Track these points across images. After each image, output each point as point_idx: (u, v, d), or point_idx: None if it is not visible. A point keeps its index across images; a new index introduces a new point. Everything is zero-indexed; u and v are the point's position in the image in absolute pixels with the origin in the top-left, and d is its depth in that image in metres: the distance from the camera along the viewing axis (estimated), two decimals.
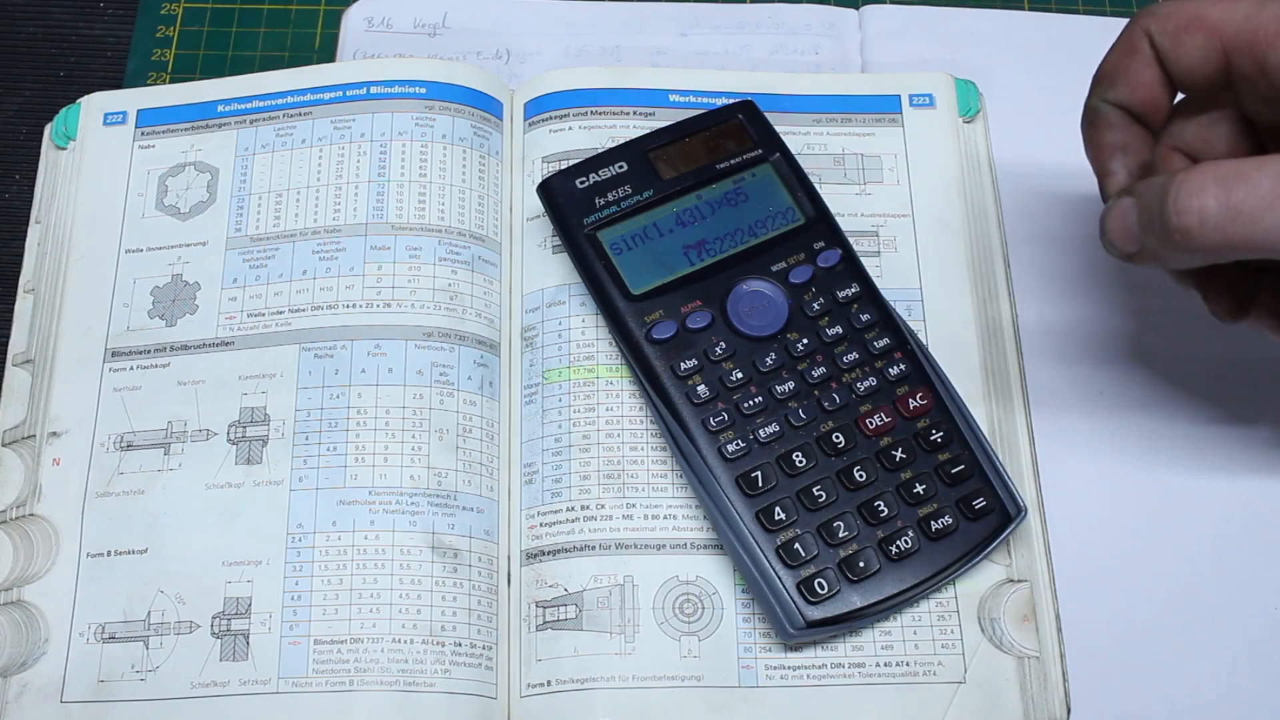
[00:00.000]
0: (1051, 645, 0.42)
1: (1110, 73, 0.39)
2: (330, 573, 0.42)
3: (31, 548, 0.43)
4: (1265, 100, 0.37)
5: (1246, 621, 0.43)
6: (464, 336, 0.46)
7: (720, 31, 0.55)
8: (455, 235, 0.47)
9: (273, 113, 0.50)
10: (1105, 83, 0.40)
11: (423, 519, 0.43)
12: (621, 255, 0.44)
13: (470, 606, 0.42)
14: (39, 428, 0.45)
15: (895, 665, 0.41)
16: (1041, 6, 0.56)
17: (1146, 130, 0.39)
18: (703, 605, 0.42)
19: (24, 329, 0.47)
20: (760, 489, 0.41)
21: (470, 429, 0.45)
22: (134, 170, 0.50)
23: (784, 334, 0.43)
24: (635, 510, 0.43)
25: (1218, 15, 0.36)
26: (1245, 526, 0.45)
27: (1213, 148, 0.39)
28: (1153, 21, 0.38)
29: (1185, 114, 0.40)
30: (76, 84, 0.54)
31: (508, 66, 0.54)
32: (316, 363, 0.45)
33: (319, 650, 0.41)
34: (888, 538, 0.41)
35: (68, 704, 0.41)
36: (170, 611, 0.42)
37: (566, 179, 0.45)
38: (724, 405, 0.42)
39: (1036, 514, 0.44)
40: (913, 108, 0.51)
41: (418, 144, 0.49)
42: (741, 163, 0.45)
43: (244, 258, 0.47)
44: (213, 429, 0.45)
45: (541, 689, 0.41)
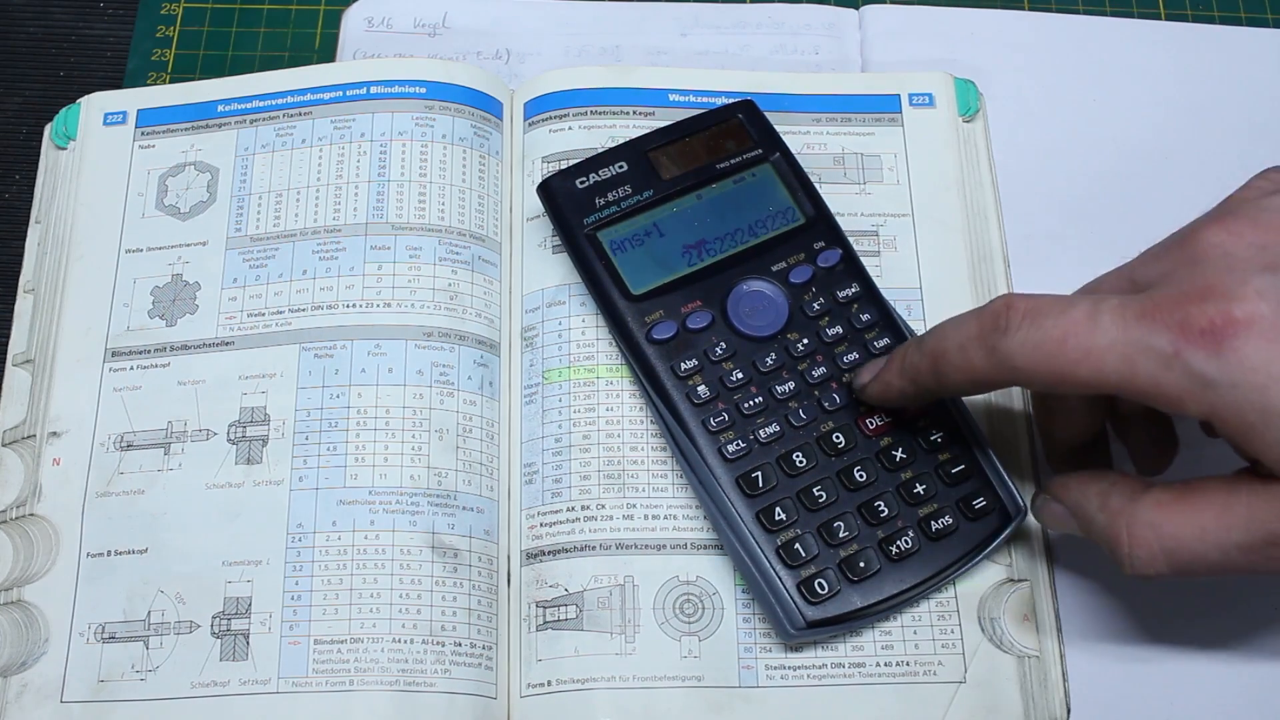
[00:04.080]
0: (1051, 645, 0.42)
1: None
2: (330, 573, 0.42)
3: (31, 548, 0.43)
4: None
5: (1246, 621, 0.43)
6: (464, 336, 0.46)
7: (720, 31, 0.55)
8: (455, 235, 0.47)
9: (273, 113, 0.50)
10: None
11: (423, 519, 0.43)
12: (621, 255, 0.44)
13: (470, 606, 0.42)
14: (39, 428, 0.45)
15: (895, 665, 0.41)
16: (1041, 6, 0.56)
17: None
18: (703, 605, 0.42)
19: (24, 329, 0.47)
20: (760, 489, 0.41)
21: (470, 429, 0.45)
22: (134, 170, 0.50)
23: (784, 334, 0.43)
24: (635, 510, 0.43)
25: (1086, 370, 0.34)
26: None
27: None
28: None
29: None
30: (76, 84, 0.54)
31: (508, 66, 0.54)
32: (316, 363, 0.45)
33: (319, 650, 0.41)
34: (888, 538, 0.41)
35: (68, 704, 0.41)
36: (170, 611, 0.42)
37: (566, 179, 0.45)
38: (724, 405, 0.42)
39: None
40: (912, 107, 0.51)
41: (418, 144, 0.49)
42: (741, 162, 0.45)
43: (244, 258, 0.47)
44: (213, 429, 0.45)
45: (542, 689, 0.41)
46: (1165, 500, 0.34)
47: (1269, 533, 0.32)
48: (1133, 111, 0.52)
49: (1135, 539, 0.34)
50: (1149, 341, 0.32)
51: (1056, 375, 0.34)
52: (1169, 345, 0.31)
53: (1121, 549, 0.35)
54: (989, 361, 0.35)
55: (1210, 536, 0.33)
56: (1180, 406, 0.32)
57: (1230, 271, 0.32)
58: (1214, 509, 0.33)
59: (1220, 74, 0.53)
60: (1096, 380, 0.33)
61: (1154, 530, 0.34)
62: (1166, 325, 0.32)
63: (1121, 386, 0.33)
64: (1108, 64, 0.54)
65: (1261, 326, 0.31)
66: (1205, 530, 0.33)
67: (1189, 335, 0.31)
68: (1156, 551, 0.34)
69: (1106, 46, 0.54)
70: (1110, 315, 0.33)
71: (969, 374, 0.36)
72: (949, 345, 0.36)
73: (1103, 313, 0.33)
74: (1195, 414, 0.32)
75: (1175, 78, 0.53)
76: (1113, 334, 0.32)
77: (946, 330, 0.37)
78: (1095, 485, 0.37)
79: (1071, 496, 0.37)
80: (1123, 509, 0.35)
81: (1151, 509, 0.34)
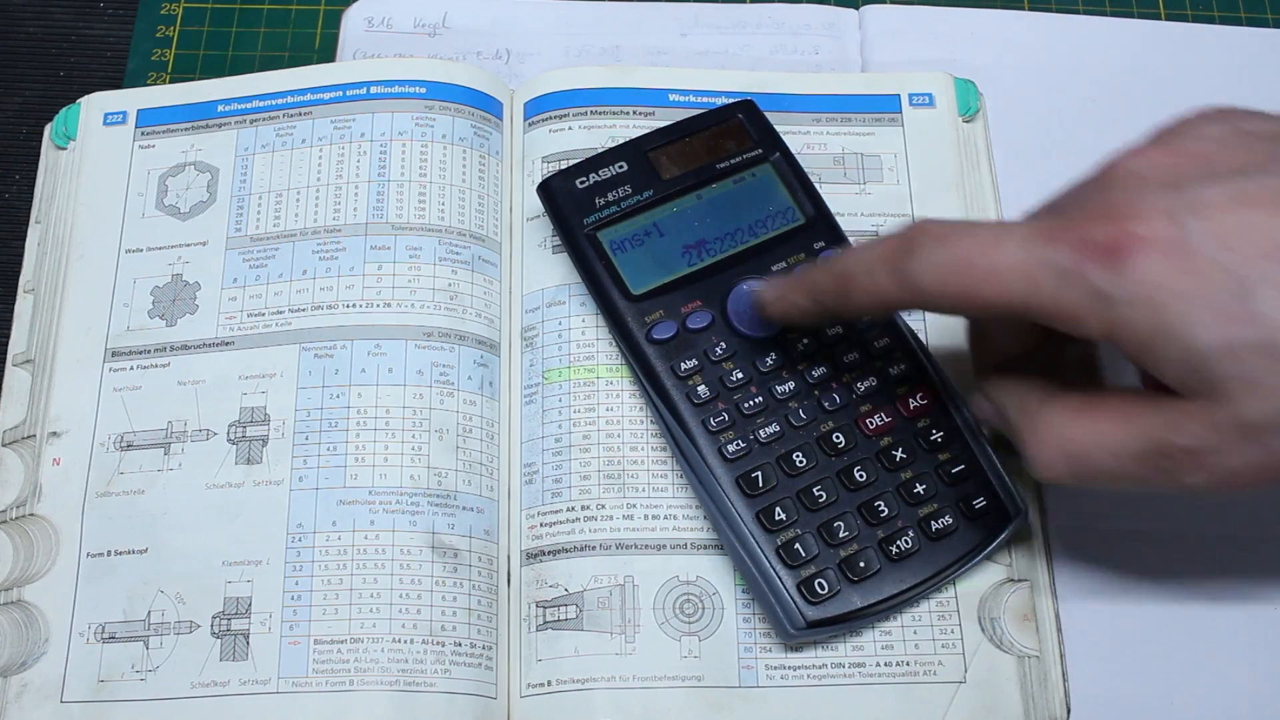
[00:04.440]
0: (1051, 645, 0.42)
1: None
2: (330, 573, 0.42)
3: (31, 548, 0.43)
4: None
5: (1246, 621, 0.43)
6: (464, 336, 0.46)
7: (720, 31, 0.55)
8: (455, 235, 0.47)
9: (273, 113, 0.50)
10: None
11: (423, 519, 0.43)
12: (621, 255, 0.44)
13: (470, 606, 0.42)
14: (39, 428, 0.45)
15: (895, 665, 0.41)
16: (1041, 6, 0.56)
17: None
18: (703, 605, 0.42)
19: (24, 329, 0.47)
20: (760, 489, 0.41)
21: (470, 429, 0.45)
22: (134, 170, 0.50)
23: (784, 334, 0.43)
24: (635, 510, 0.43)
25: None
26: (1247, 525, 0.45)
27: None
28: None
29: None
30: (76, 84, 0.54)
31: (508, 66, 0.54)
32: (316, 362, 0.45)
33: (319, 650, 0.41)
34: (888, 538, 0.41)
35: (68, 704, 0.41)
36: (170, 611, 0.42)
37: (566, 179, 0.45)
38: (724, 405, 0.42)
39: (1036, 514, 0.44)
40: (912, 107, 0.51)
41: (418, 144, 0.49)
42: (741, 162, 0.45)
43: (244, 258, 0.47)
44: (213, 429, 0.45)
45: (542, 689, 0.41)
46: (1072, 405, 0.35)
47: (1161, 443, 0.32)
48: (1133, 111, 0.52)
49: (1039, 440, 0.35)
50: (1051, 259, 0.32)
51: (961, 296, 0.34)
52: (1070, 262, 0.32)
53: (1028, 449, 0.36)
54: (895, 283, 0.35)
55: (1108, 443, 0.34)
56: (1082, 325, 0.32)
57: (1135, 192, 0.33)
58: (1114, 417, 0.34)
59: (1220, 74, 0.53)
60: (1001, 299, 0.33)
61: (1057, 433, 0.35)
62: (1068, 243, 0.32)
63: (1025, 306, 0.33)
64: (1108, 64, 0.54)
65: (1160, 244, 0.31)
66: (1104, 437, 0.34)
67: (1089, 252, 0.31)
68: (1058, 455, 0.35)
69: (1106, 46, 0.54)
70: (1015, 236, 0.33)
71: (875, 296, 0.36)
72: (857, 267, 0.37)
73: (1008, 234, 0.33)
74: (1096, 332, 0.32)
75: (1175, 78, 0.53)
76: (1017, 254, 0.33)
77: (856, 253, 0.37)
78: (1016, 386, 0.37)
79: (996, 395, 0.38)
80: (1034, 410, 0.36)
81: (1058, 412, 0.35)
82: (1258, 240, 0.30)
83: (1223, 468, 0.32)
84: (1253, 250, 0.30)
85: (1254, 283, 0.30)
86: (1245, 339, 0.30)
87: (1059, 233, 0.32)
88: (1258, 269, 0.30)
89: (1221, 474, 0.32)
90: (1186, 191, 0.32)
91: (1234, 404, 0.31)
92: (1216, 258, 0.31)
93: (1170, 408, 0.32)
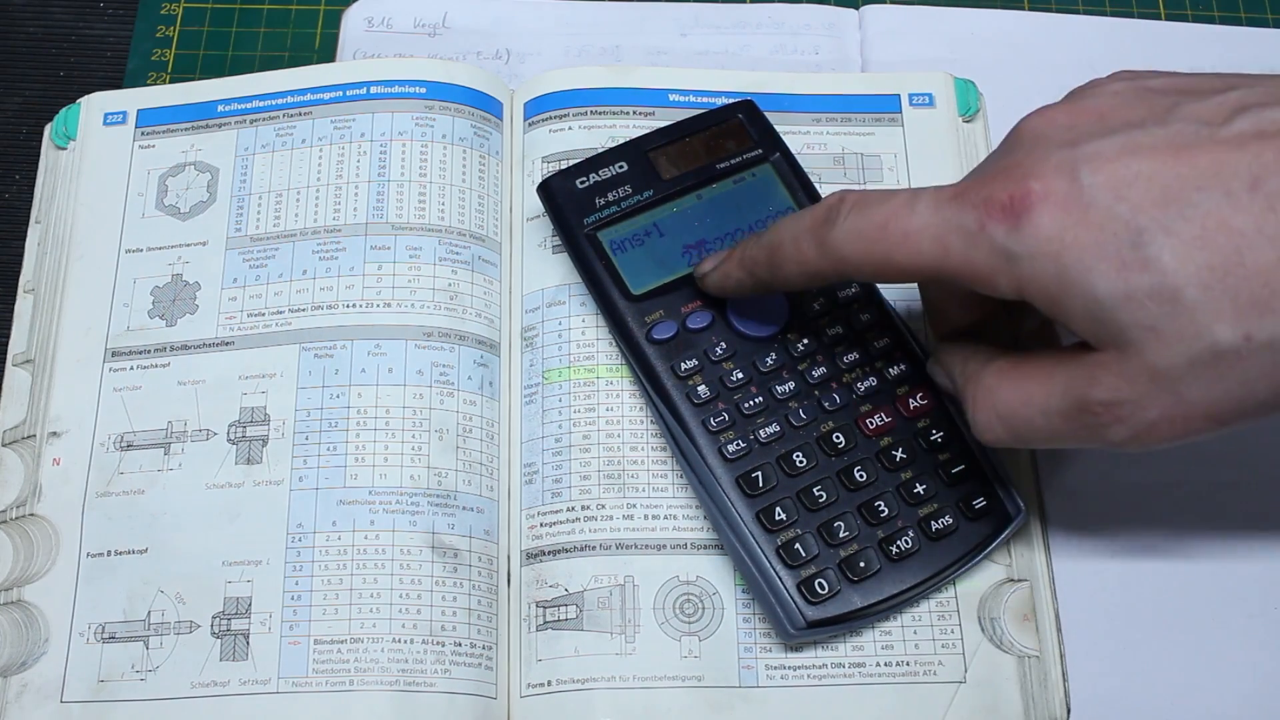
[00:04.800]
0: (1051, 645, 0.42)
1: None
2: (330, 573, 0.42)
3: (31, 548, 0.43)
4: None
5: (1246, 621, 0.43)
6: (464, 336, 0.46)
7: (720, 31, 0.55)
8: (455, 235, 0.47)
9: (273, 113, 0.50)
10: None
11: (423, 519, 0.43)
12: (621, 255, 0.44)
13: (470, 606, 0.42)
14: (39, 428, 0.45)
15: (895, 665, 0.41)
16: (1041, 6, 0.56)
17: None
18: (703, 605, 0.42)
19: (24, 329, 0.47)
20: (760, 489, 0.41)
21: (470, 429, 0.45)
22: (134, 170, 0.50)
23: (784, 334, 0.43)
24: (635, 510, 0.43)
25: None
26: (1247, 525, 0.45)
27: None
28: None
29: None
30: (76, 84, 0.54)
31: (508, 66, 0.54)
32: (316, 363, 0.45)
33: (319, 650, 0.41)
34: (888, 538, 0.41)
35: (68, 704, 0.41)
36: (170, 611, 0.42)
37: (566, 179, 0.45)
38: (724, 405, 0.42)
39: (1036, 514, 0.44)
40: (912, 107, 0.51)
41: (418, 144, 0.49)
42: (741, 162, 0.45)
43: (244, 258, 0.47)
44: (213, 429, 0.45)
45: (542, 689, 0.41)
46: (1004, 368, 0.36)
47: (1081, 398, 0.33)
48: None
49: (977, 403, 0.36)
50: (958, 220, 0.33)
51: (878, 261, 0.35)
52: (974, 222, 0.32)
53: (969, 412, 0.37)
54: (819, 252, 0.36)
55: (1035, 402, 0.34)
56: (993, 284, 0.33)
57: (1034, 150, 0.33)
58: (1039, 376, 0.34)
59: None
60: (914, 263, 0.34)
61: (991, 395, 0.35)
62: (973, 204, 0.33)
63: (938, 269, 0.34)
64: (1107, 64, 0.53)
65: (1056, 197, 0.31)
66: (1031, 397, 0.34)
67: (991, 211, 0.32)
68: (994, 417, 0.35)
69: (1106, 46, 0.54)
70: (926, 200, 0.34)
71: (801, 265, 0.37)
72: (784, 238, 0.38)
73: (920, 199, 0.34)
74: (1007, 290, 0.33)
75: None
76: (926, 217, 0.34)
77: (784, 224, 0.38)
78: (962, 352, 0.38)
79: (944, 360, 0.39)
80: (974, 374, 0.37)
81: (992, 375, 0.36)
82: (1149, 188, 0.31)
83: (1141, 419, 0.32)
84: (1144, 198, 0.31)
85: (1147, 230, 0.30)
86: (1142, 286, 0.30)
87: (964, 194, 0.33)
88: (1149, 216, 0.31)
89: (1141, 425, 0.32)
90: (1081, 146, 0.32)
91: (1141, 353, 0.31)
92: (1110, 208, 0.31)
93: (1088, 362, 0.33)
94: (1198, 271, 0.30)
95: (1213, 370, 0.30)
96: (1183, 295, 0.30)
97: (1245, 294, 0.30)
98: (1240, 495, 0.45)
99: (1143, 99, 0.34)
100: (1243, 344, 0.30)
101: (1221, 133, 0.31)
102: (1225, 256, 0.30)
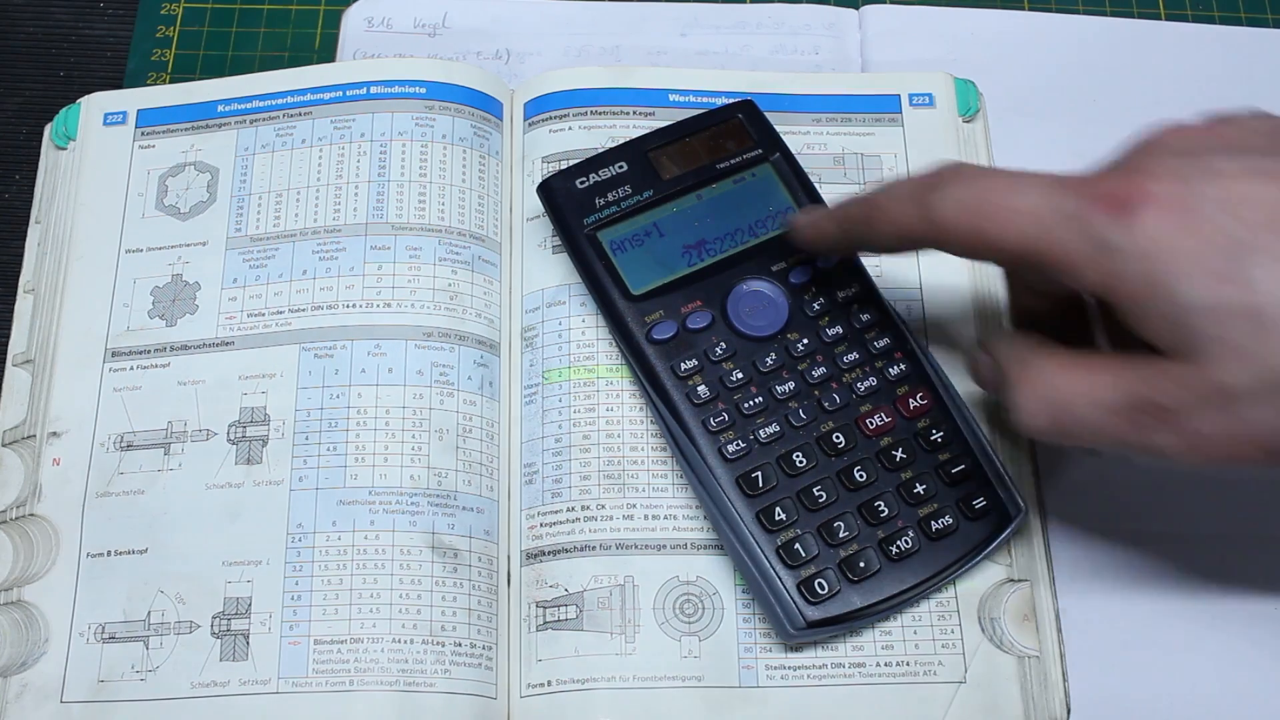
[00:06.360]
0: (1051, 645, 0.42)
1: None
2: (330, 573, 0.42)
3: (31, 548, 0.43)
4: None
5: (1246, 621, 0.43)
6: (464, 336, 0.46)
7: (720, 31, 0.55)
8: (455, 235, 0.47)
9: (273, 113, 0.50)
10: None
11: (423, 519, 0.43)
12: (621, 255, 0.44)
13: (470, 606, 0.42)
14: (39, 428, 0.45)
15: (895, 665, 0.41)
16: (1041, 6, 0.56)
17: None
18: (703, 605, 0.42)
19: (24, 329, 0.47)
20: (760, 489, 0.41)
21: (470, 429, 0.45)
22: (134, 170, 0.50)
23: (784, 334, 0.43)
24: (635, 510, 0.43)
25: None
26: (1247, 525, 0.45)
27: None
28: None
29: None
30: (76, 84, 0.54)
31: (508, 66, 0.54)
32: (316, 363, 0.45)
33: (319, 650, 0.41)
34: (888, 538, 0.41)
35: (68, 704, 0.41)
36: (170, 611, 0.42)
37: (566, 179, 0.45)
38: (724, 405, 0.42)
39: (1036, 514, 0.44)
40: (912, 107, 0.51)
41: (418, 144, 0.49)
42: (741, 162, 0.45)
43: (244, 258, 0.47)
44: (213, 429, 0.45)
45: (542, 689, 0.41)
46: (1062, 359, 0.35)
47: (1138, 397, 0.33)
48: (1133, 111, 0.52)
49: (1025, 384, 0.36)
50: (1064, 205, 0.33)
51: (976, 233, 0.35)
52: (1077, 208, 0.32)
53: (1013, 393, 0.36)
54: (918, 214, 0.36)
55: (1089, 393, 0.34)
56: (1081, 274, 0.33)
57: (1157, 156, 0.33)
58: (1099, 369, 0.34)
59: (1220, 74, 0.53)
60: (1011, 240, 0.34)
61: (1044, 380, 0.35)
62: (1079, 192, 0.33)
63: (1033, 250, 0.33)
64: (1108, 64, 0.54)
65: (1166, 200, 0.32)
66: (1087, 386, 0.34)
67: (1098, 201, 0.32)
68: (1042, 403, 0.35)
69: (1106, 46, 0.54)
70: (1036, 182, 0.34)
71: (897, 226, 0.37)
72: (886, 197, 0.38)
73: (1030, 180, 0.34)
74: (1094, 282, 0.33)
75: (1175, 78, 0.53)
76: (1032, 198, 0.34)
77: (888, 185, 0.38)
78: (1017, 339, 0.38)
79: (996, 348, 0.39)
80: (1026, 360, 0.36)
81: (1048, 360, 0.36)
82: (1260, 211, 0.31)
83: (1194, 431, 0.32)
84: (1254, 219, 0.31)
85: (1251, 249, 0.31)
86: (1233, 302, 0.30)
87: (1076, 184, 0.33)
88: (1258, 236, 0.31)
89: (1192, 437, 0.32)
90: (1204, 159, 0.32)
91: (1212, 366, 0.31)
92: (1218, 220, 0.31)
93: (1152, 365, 0.33)
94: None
95: (1276, 398, 0.31)
96: (1268, 318, 0.30)
97: None
98: (1241, 494, 0.45)
99: (1276, 134, 0.34)
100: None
101: None
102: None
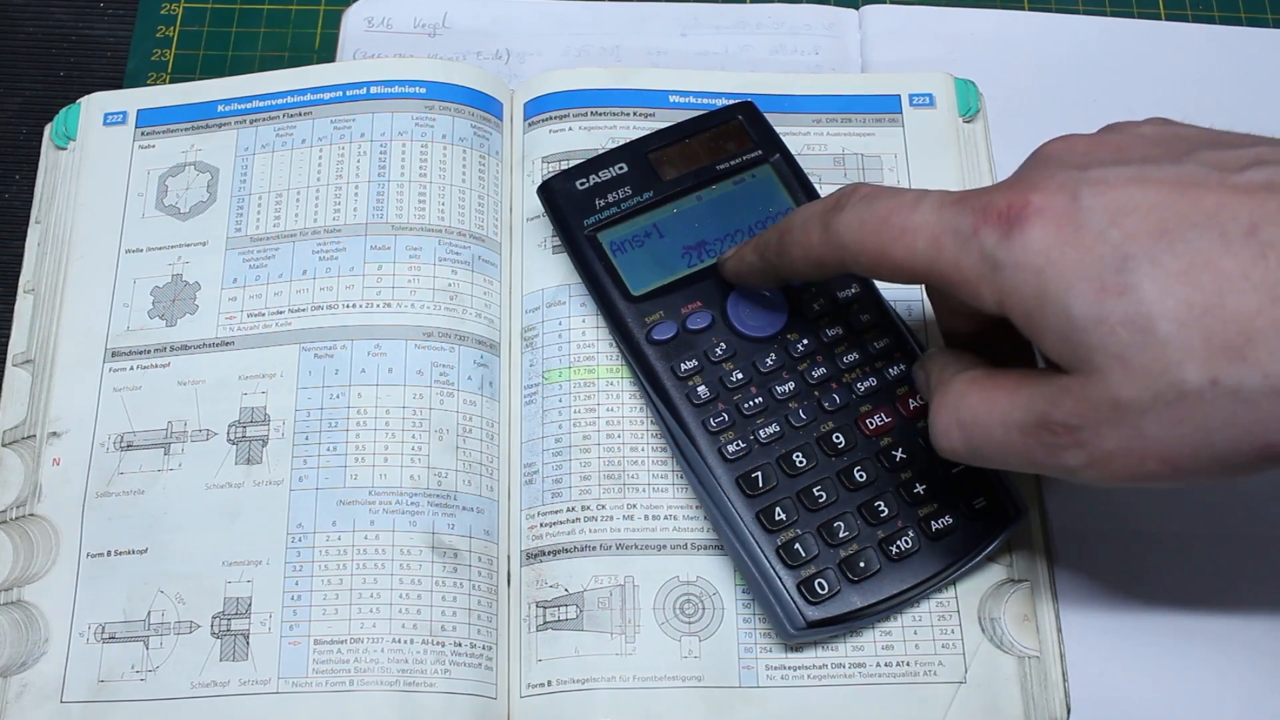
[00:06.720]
0: (1051, 645, 0.42)
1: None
2: (330, 573, 0.42)
3: (31, 548, 0.43)
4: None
5: (1247, 622, 0.43)
6: (464, 336, 0.46)
7: (720, 31, 0.55)
8: (455, 235, 0.47)
9: (273, 113, 0.50)
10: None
11: (423, 519, 0.43)
12: (621, 256, 0.44)
13: (470, 606, 0.42)
14: (39, 428, 0.45)
15: (895, 665, 0.41)
16: (1041, 6, 0.56)
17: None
18: (703, 605, 0.42)
19: (24, 329, 0.47)
20: (760, 489, 0.41)
21: (470, 429, 0.45)
22: (134, 170, 0.50)
23: (784, 334, 0.43)
24: (635, 510, 0.43)
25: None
26: (1247, 525, 0.45)
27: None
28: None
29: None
30: (76, 84, 0.54)
31: (508, 66, 0.54)
32: (316, 363, 0.45)
33: (319, 650, 0.41)
34: (888, 538, 0.41)
35: (68, 704, 0.41)
36: (170, 611, 0.42)
37: (567, 180, 0.45)
38: (724, 406, 0.42)
39: (1036, 514, 0.44)
40: (913, 107, 0.51)
41: (418, 144, 0.49)
42: (741, 163, 0.45)
43: (244, 258, 0.47)
44: (213, 429, 0.45)
45: (542, 689, 0.41)
46: (976, 377, 0.35)
47: (1042, 416, 0.32)
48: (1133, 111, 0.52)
49: (941, 407, 0.36)
50: (955, 222, 0.33)
51: (875, 253, 0.35)
52: (969, 226, 0.33)
53: (930, 412, 0.36)
54: (824, 238, 0.37)
55: (997, 413, 0.34)
56: (977, 293, 0.33)
57: (1045, 168, 0.33)
58: (1006, 388, 0.34)
59: (1220, 74, 0.53)
60: (907, 260, 0.34)
61: (956, 401, 0.35)
62: (972, 209, 0.33)
63: (929, 269, 0.34)
64: (1108, 64, 0.54)
65: (1052, 214, 0.31)
66: (995, 407, 0.34)
67: (987, 217, 0.32)
68: (954, 423, 0.35)
69: (1106, 46, 0.54)
70: (930, 200, 0.34)
71: (807, 250, 0.38)
72: (796, 221, 0.38)
73: (926, 198, 0.34)
74: (989, 301, 0.33)
75: (1175, 78, 0.53)
76: (927, 215, 0.34)
77: (799, 209, 0.39)
78: (943, 359, 0.38)
79: (926, 365, 0.39)
80: (944, 378, 0.36)
81: (962, 382, 0.35)
82: (1145, 219, 0.31)
83: (1098, 449, 0.31)
84: (1139, 227, 0.30)
85: (1134, 258, 0.30)
86: (1117, 311, 0.30)
87: (968, 199, 0.33)
88: (1139, 245, 0.30)
89: (1097, 454, 0.32)
90: (1089, 170, 0.32)
91: (1106, 380, 0.31)
92: (1102, 231, 0.31)
93: (1054, 382, 0.32)
94: (1176, 306, 0.29)
95: (1174, 410, 0.30)
96: (1156, 327, 0.30)
97: (1219, 337, 0.29)
98: (1241, 495, 0.45)
99: (1165, 141, 0.34)
100: (1207, 387, 0.29)
101: (1232, 179, 0.31)
102: (1206, 296, 0.29)
